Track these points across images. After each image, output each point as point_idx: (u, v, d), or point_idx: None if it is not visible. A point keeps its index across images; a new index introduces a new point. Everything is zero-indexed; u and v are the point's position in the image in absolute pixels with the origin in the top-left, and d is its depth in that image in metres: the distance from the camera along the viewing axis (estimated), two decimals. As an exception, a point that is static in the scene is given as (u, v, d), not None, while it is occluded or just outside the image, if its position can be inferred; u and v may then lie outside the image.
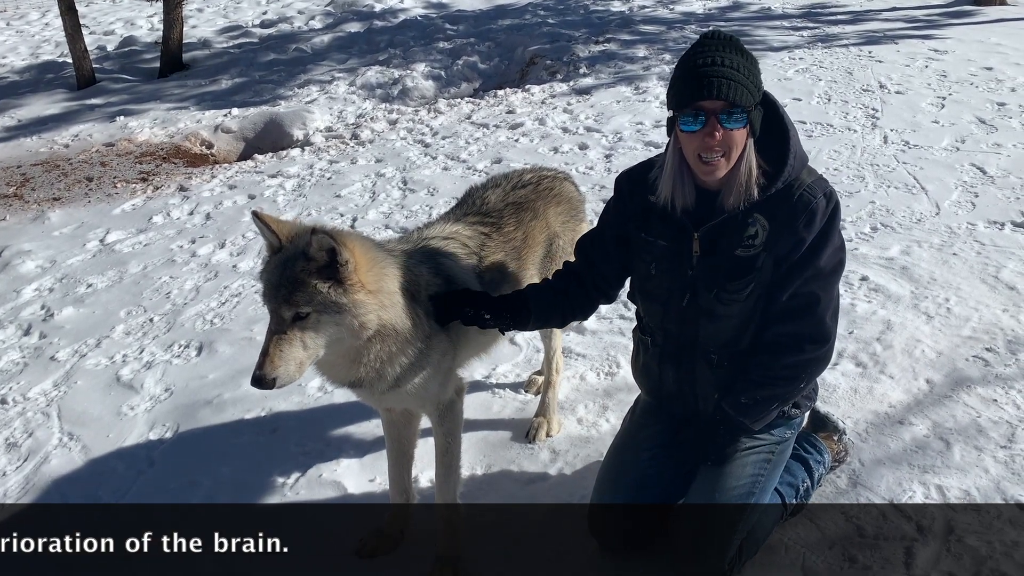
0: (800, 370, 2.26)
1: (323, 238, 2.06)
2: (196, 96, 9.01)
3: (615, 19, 10.64)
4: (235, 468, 3.11)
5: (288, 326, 2.08)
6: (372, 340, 2.22)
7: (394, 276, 2.26)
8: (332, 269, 2.09)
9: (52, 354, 4.08)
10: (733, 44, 2.10)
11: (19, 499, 3.08)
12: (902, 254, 4.23)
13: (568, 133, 6.76)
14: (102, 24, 13.27)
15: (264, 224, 2.18)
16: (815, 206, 2.15)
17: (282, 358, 2.07)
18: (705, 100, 2.05)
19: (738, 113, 2.06)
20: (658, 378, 2.49)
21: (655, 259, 2.33)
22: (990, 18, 9.66)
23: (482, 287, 2.54)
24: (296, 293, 2.07)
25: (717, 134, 2.06)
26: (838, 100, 6.88)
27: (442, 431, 2.55)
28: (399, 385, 2.36)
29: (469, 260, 2.57)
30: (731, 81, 2.03)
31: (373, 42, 10.63)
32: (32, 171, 7.10)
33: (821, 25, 9.63)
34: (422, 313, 2.33)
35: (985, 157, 5.45)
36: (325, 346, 2.14)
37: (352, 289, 2.11)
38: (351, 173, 6.41)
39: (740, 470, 2.35)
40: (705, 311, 2.28)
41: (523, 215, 2.78)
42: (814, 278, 2.19)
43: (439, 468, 2.59)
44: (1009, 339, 3.43)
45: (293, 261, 2.11)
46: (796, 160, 2.17)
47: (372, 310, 2.15)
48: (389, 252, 2.34)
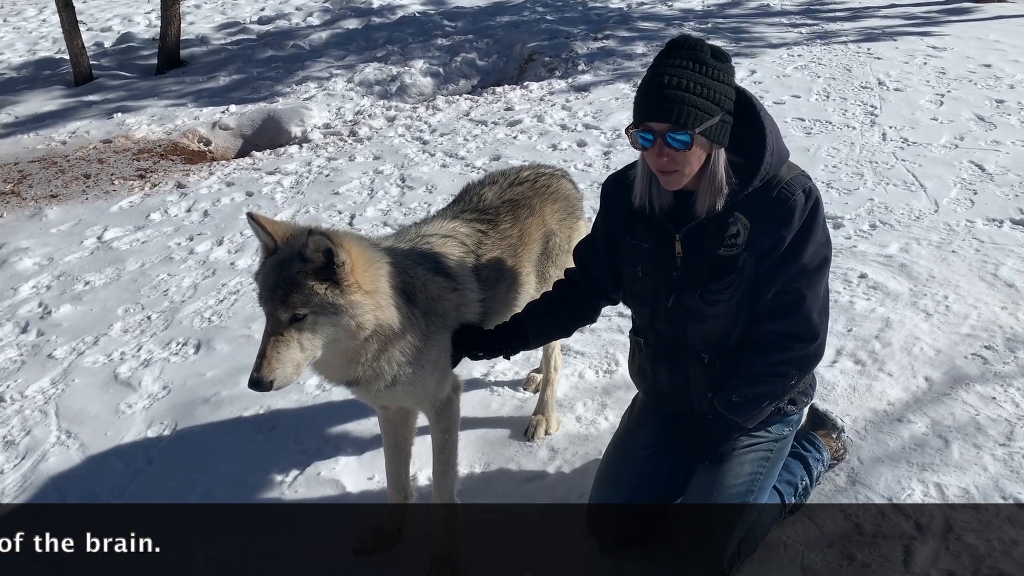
0: (789, 367, 2.26)
1: (320, 239, 2.06)
2: (194, 93, 8.98)
3: (613, 16, 10.62)
4: (233, 466, 3.11)
5: (285, 328, 2.08)
6: (369, 340, 2.22)
7: (390, 275, 2.26)
8: (329, 270, 2.08)
9: (50, 352, 4.08)
10: (694, 55, 2.05)
11: (16, 498, 3.08)
12: (901, 251, 4.23)
13: (566, 130, 6.75)
14: (99, 20, 13.24)
15: (259, 225, 2.17)
16: (793, 203, 2.14)
17: (279, 360, 2.07)
18: (651, 121, 2.06)
19: (681, 135, 2.04)
20: (652, 378, 2.49)
21: (640, 261, 2.34)
22: (989, 15, 9.65)
23: (479, 284, 2.55)
24: (293, 295, 2.06)
25: (664, 155, 2.07)
26: (837, 97, 6.87)
27: (439, 428, 2.55)
28: (396, 383, 2.36)
29: (467, 258, 2.56)
30: (679, 104, 2.01)
31: (371, 39, 10.60)
32: (29, 168, 7.09)
33: (820, 22, 9.61)
34: (418, 312, 2.33)
35: (984, 154, 5.45)
36: (322, 347, 2.14)
37: (349, 290, 2.10)
38: (349, 170, 6.40)
39: (739, 468, 2.35)
40: (691, 312, 2.28)
41: (520, 212, 2.77)
42: (799, 276, 2.18)
43: (436, 465, 2.59)
44: (1008, 337, 3.43)
45: (289, 263, 2.10)
46: (774, 157, 2.15)
47: (369, 310, 2.15)
48: (384, 251, 2.33)
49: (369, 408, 3.38)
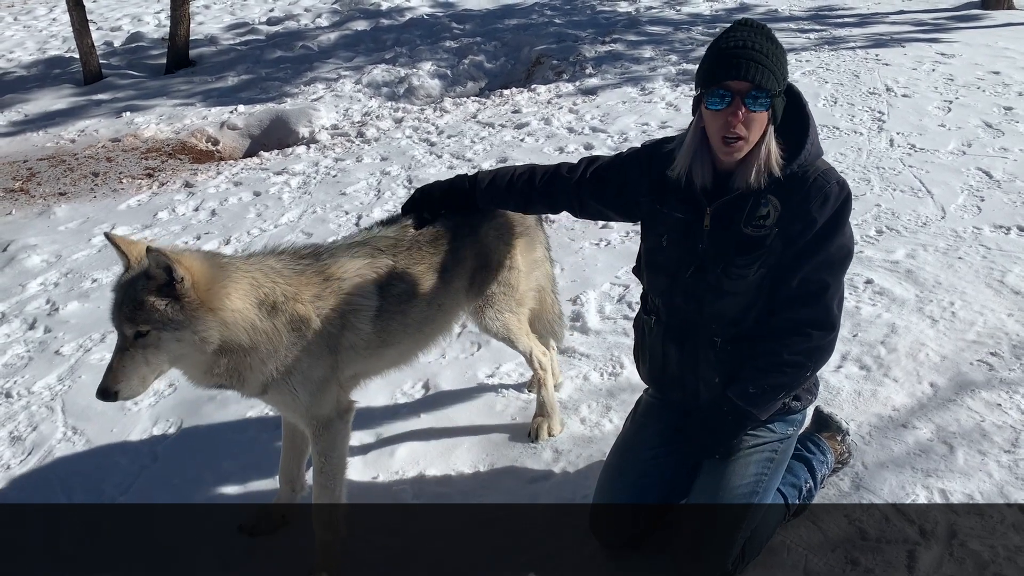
0: (807, 357, 2.27)
1: (158, 256, 2.10)
2: (202, 93, 9.02)
3: (622, 20, 10.64)
4: (239, 464, 3.12)
5: (131, 343, 2.15)
6: (219, 354, 2.27)
7: (245, 291, 2.28)
8: (171, 287, 2.14)
9: (57, 348, 4.09)
10: (764, 32, 2.14)
11: (21, 494, 3.09)
12: (907, 257, 4.23)
13: (573, 133, 6.76)
14: (109, 20, 13.31)
15: (115, 245, 2.26)
16: (829, 190, 2.19)
17: (124, 374, 2.16)
18: (732, 80, 2.09)
19: (763, 96, 2.10)
20: (661, 359, 2.49)
21: (667, 230, 2.37)
22: (998, 22, 9.64)
23: (379, 294, 2.54)
24: (136, 312, 2.13)
25: (740, 113, 2.10)
26: (844, 103, 6.87)
27: (316, 449, 2.52)
28: (266, 391, 2.42)
29: (373, 268, 2.56)
30: (759, 65, 2.07)
31: (379, 40, 10.64)
32: (38, 166, 7.13)
33: (828, 28, 9.61)
34: (281, 325, 2.35)
35: (991, 161, 5.44)
36: (169, 361, 2.22)
37: (190, 306, 2.15)
38: (356, 171, 6.42)
39: (743, 469, 2.35)
40: (712, 286, 2.30)
41: (459, 229, 2.75)
42: (824, 265, 2.22)
43: (314, 487, 2.55)
44: (1014, 344, 3.42)
45: (135, 280, 2.17)
46: (813, 148, 2.22)
47: (213, 327, 2.20)
48: (240, 269, 2.34)
49: (372, 410, 3.40)
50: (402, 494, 2.89)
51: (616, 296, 4.11)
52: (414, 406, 3.39)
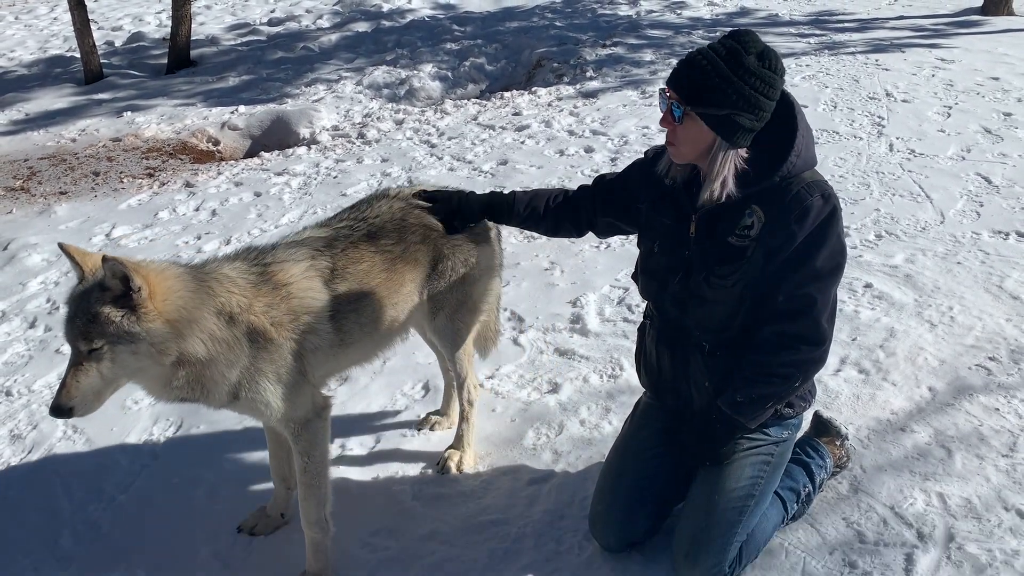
0: (795, 369, 2.26)
1: (114, 265, 2.02)
2: (203, 93, 9.03)
3: (622, 23, 10.66)
4: (239, 463, 3.13)
5: (85, 357, 2.06)
6: (177, 366, 2.19)
7: (200, 303, 2.21)
8: (127, 298, 2.05)
9: (57, 347, 4.09)
10: (735, 51, 2.10)
11: (22, 492, 3.09)
12: (906, 262, 4.24)
13: (574, 136, 6.77)
14: (110, 20, 13.32)
15: (70, 256, 2.16)
16: (809, 204, 2.15)
17: (79, 389, 2.07)
18: (668, 85, 2.19)
19: (676, 107, 2.15)
20: (656, 363, 2.52)
21: (659, 237, 2.40)
22: (997, 28, 9.67)
23: (327, 292, 2.49)
24: (89, 325, 2.04)
25: (665, 122, 2.21)
26: (844, 107, 6.88)
27: (297, 450, 2.50)
28: (236, 400, 2.34)
29: (316, 267, 2.50)
30: (693, 80, 2.11)
31: (380, 42, 10.65)
32: (39, 165, 7.13)
33: (828, 32, 9.64)
34: (240, 335, 2.28)
35: (991, 167, 5.45)
36: (125, 376, 2.13)
37: (147, 317, 2.07)
38: (357, 172, 6.43)
39: (739, 472, 2.36)
40: (695, 294, 2.32)
41: (407, 233, 2.69)
42: (811, 279, 2.19)
43: (299, 488, 2.53)
44: (1012, 348, 3.44)
45: (89, 292, 2.08)
46: (799, 159, 2.18)
47: (170, 339, 2.12)
48: (196, 278, 2.27)
49: (374, 410, 3.41)
50: (401, 495, 2.90)
51: (616, 299, 4.12)
52: (414, 406, 3.40)
